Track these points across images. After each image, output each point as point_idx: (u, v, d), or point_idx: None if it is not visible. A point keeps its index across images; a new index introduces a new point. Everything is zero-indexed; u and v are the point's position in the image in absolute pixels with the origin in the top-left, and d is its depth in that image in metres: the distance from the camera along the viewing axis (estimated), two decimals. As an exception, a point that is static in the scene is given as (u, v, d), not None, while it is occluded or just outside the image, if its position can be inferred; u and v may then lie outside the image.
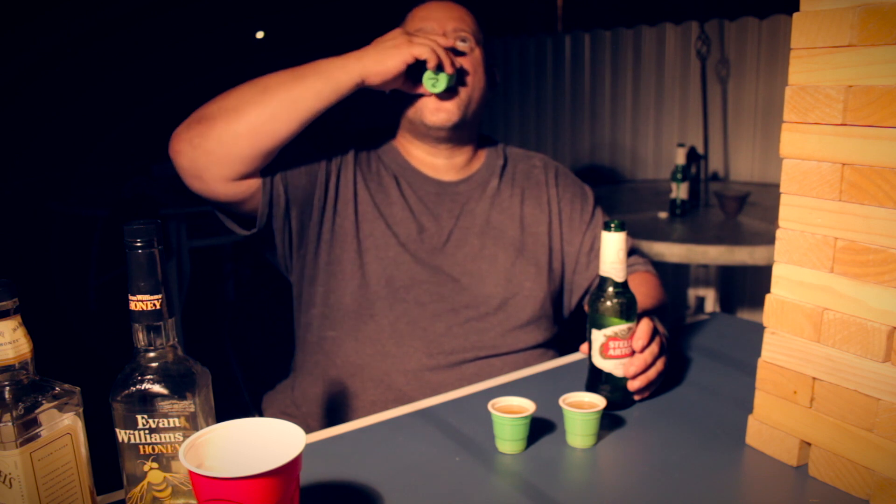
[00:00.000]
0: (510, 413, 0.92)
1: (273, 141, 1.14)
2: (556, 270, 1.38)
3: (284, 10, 5.73)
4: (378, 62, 1.16)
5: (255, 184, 1.19)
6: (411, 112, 1.30)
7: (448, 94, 1.27)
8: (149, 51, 5.09)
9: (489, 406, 0.93)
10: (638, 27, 3.65)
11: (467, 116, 1.31)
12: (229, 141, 1.12)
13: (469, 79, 1.30)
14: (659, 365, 1.06)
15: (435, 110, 1.28)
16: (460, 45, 1.29)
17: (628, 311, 1.02)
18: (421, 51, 1.18)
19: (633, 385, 1.04)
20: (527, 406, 0.93)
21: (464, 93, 1.29)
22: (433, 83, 1.23)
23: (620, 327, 1.02)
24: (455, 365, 1.27)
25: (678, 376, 1.17)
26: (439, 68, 1.22)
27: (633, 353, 1.04)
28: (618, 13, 3.93)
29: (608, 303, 1.02)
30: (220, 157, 1.13)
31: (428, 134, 1.32)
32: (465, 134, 1.35)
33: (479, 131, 1.42)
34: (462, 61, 1.29)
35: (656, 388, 1.09)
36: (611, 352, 1.03)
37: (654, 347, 1.05)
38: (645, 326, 1.05)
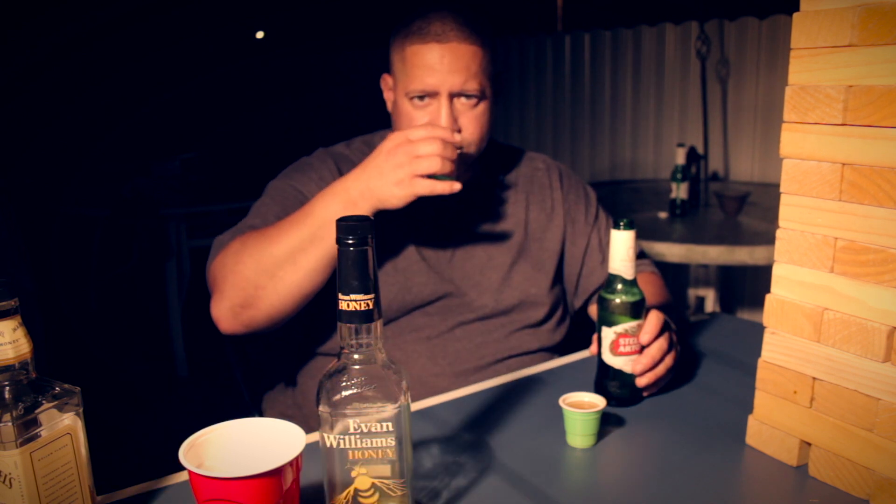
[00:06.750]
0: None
1: (318, 288, 1.15)
2: (561, 274, 1.38)
3: (284, 10, 5.73)
4: (382, 201, 1.09)
5: None
6: None
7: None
8: (149, 51, 5.08)
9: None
10: (638, 27, 3.65)
11: (471, 163, 1.29)
12: (279, 315, 1.16)
13: (475, 132, 1.22)
14: (668, 361, 1.06)
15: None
16: (463, 110, 1.20)
17: (638, 308, 1.03)
18: (425, 190, 1.08)
19: (640, 382, 1.04)
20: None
21: (469, 150, 1.23)
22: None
23: (630, 324, 1.03)
24: (458, 370, 1.27)
25: (678, 376, 1.17)
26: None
27: (642, 349, 1.04)
28: (618, 13, 3.93)
29: (618, 300, 1.03)
30: (273, 325, 1.18)
31: None
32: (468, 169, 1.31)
33: None
34: (466, 119, 1.21)
35: (667, 384, 1.10)
36: (621, 349, 1.03)
37: (663, 343, 1.05)
38: (654, 320, 1.04)
